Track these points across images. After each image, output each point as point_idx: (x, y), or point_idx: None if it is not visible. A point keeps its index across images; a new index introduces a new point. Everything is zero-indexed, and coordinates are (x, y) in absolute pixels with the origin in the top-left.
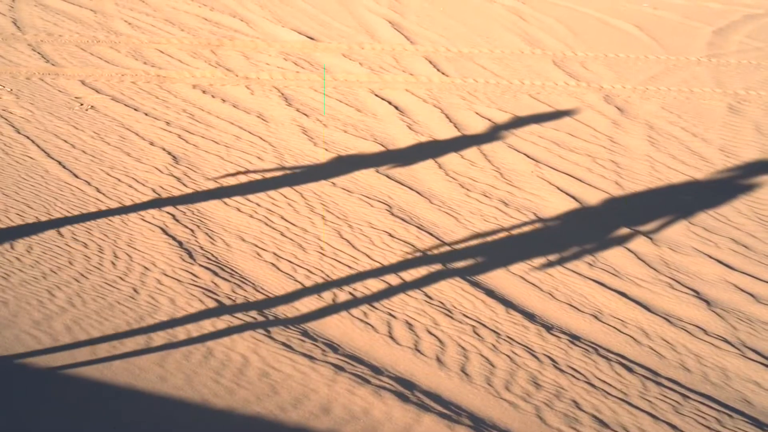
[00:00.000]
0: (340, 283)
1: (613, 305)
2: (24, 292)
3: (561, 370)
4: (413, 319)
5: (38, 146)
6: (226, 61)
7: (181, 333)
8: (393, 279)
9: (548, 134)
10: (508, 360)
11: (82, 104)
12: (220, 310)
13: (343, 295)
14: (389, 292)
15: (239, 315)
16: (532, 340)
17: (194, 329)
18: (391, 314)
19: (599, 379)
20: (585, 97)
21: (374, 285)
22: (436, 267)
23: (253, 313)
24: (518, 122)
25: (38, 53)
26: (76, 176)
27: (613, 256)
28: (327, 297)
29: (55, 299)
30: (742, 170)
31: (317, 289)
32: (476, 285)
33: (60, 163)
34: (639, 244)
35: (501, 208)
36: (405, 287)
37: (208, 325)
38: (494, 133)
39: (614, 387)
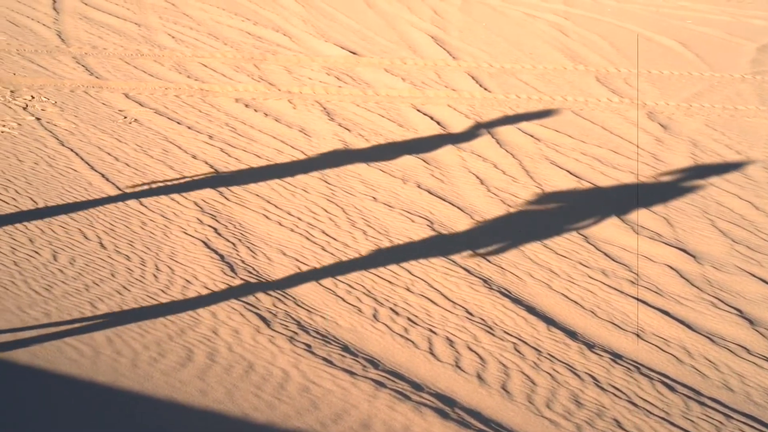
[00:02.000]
0: (380, 298)
1: (656, 323)
2: (66, 304)
3: (603, 389)
4: (454, 335)
5: (82, 159)
6: (268, 75)
7: (221, 347)
8: (434, 295)
9: (591, 151)
10: (549, 378)
11: (125, 117)
12: (261, 324)
13: (383, 311)
14: (430, 308)
15: (280, 329)
16: (574, 358)
17: (235, 343)
18: (431, 330)
19: (641, 398)
20: (628, 114)
21: (415, 301)
22: (477, 283)
23: (294, 328)
24: (560, 138)
25: (82, 66)
26: (119, 189)
27: (656, 274)
28: (367, 312)
29: (97, 311)
30: None
31: (358, 304)
32: (517, 302)
33: (103, 175)
34: (682, 262)
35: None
36: (446, 303)
37: (248, 340)
38: (537, 150)
39: (656, 406)
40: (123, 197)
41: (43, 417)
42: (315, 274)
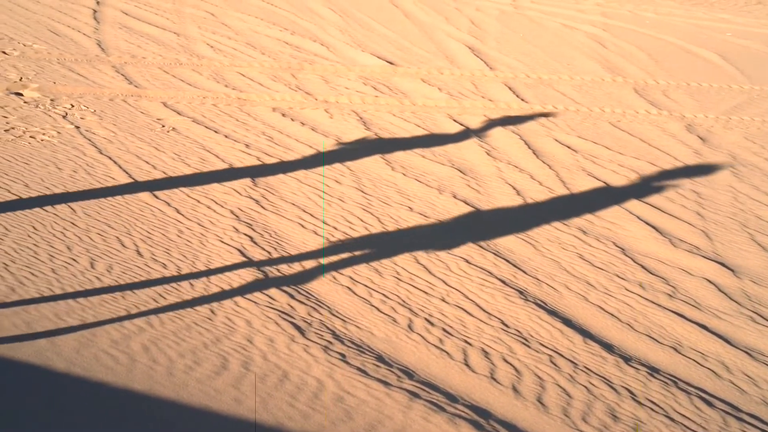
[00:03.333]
0: (415, 308)
1: (693, 338)
2: (103, 312)
3: (639, 403)
4: (489, 346)
5: (120, 167)
6: (305, 84)
7: (256, 355)
8: (469, 306)
9: (628, 163)
10: (585, 391)
11: (163, 126)
12: (296, 333)
13: (418, 321)
14: (465, 318)
15: (315, 339)
16: (610, 371)
17: (269, 352)
18: (466, 341)
19: (678, 413)
20: (666, 126)
21: (450, 311)
22: (513, 294)
23: (329, 337)
24: (598, 150)
25: (122, 75)
26: (157, 197)
27: (694, 287)
28: (402, 322)
29: (133, 319)
30: None
31: (393, 314)
32: (553, 314)
33: (141, 184)
34: (720, 276)
35: (579, 236)
36: (481, 314)
37: (283, 349)
38: (574, 161)
39: (694, 422)
40: (161, 205)
41: (79, 425)
42: (350, 284)
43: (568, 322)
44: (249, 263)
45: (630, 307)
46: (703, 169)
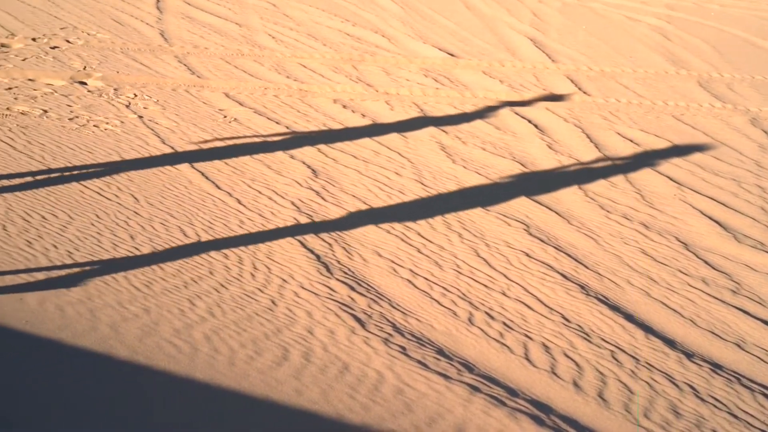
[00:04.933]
0: (476, 302)
1: (757, 334)
2: (165, 301)
3: (702, 399)
4: (550, 341)
5: (182, 157)
6: (366, 76)
7: (317, 347)
8: (530, 300)
9: (692, 157)
10: (647, 387)
11: (225, 116)
12: (356, 325)
13: (479, 315)
14: (526, 313)
15: (375, 331)
16: (673, 367)
17: (330, 343)
18: (527, 336)
19: (742, 409)
20: (731, 120)
21: (511, 305)
22: (574, 289)
23: (389, 330)
24: (661, 144)
25: (184, 65)
26: (218, 187)
27: (758, 284)
28: (463, 316)
29: (195, 308)
30: None
31: (453, 307)
32: (615, 309)
33: (203, 174)
34: None
35: (642, 231)
36: (542, 309)
37: (344, 340)
38: (636, 155)
39: (757, 419)
40: (223, 196)
41: (141, 413)
42: (410, 276)
43: (630, 317)
44: (309, 255)
45: (693, 302)
46: (767, 163)
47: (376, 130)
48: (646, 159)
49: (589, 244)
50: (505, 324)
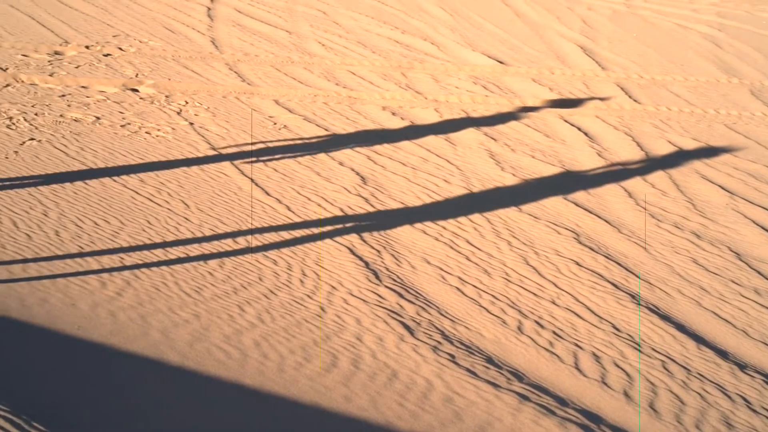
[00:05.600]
0: (525, 310)
1: None
2: (215, 306)
3: (755, 411)
4: (600, 350)
5: (232, 163)
6: (415, 83)
7: (366, 354)
8: (580, 309)
9: (744, 166)
10: (698, 398)
11: (275, 123)
12: (405, 332)
13: (528, 323)
14: (576, 322)
15: (424, 338)
16: (725, 378)
17: (379, 350)
18: (577, 345)
19: None
20: None
21: (560, 314)
22: (624, 298)
23: (438, 337)
24: (712, 152)
25: (235, 72)
26: (268, 194)
27: None
28: (512, 324)
29: (245, 314)
30: None
31: (502, 315)
32: (666, 319)
33: (253, 180)
34: None
35: (693, 241)
36: (592, 318)
37: (392, 348)
38: (687, 163)
39: None
40: (272, 202)
41: (191, 418)
42: (459, 284)
43: (681, 327)
44: (358, 261)
45: (745, 313)
46: None
47: (424, 137)
48: (698, 168)
49: (639, 253)
50: (554, 333)
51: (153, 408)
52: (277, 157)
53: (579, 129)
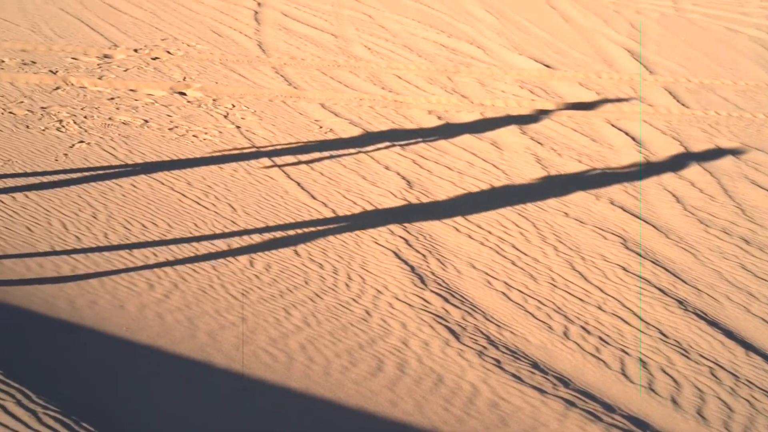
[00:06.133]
0: (571, 315)
1: None
2: (262, 310)
3: None
4: (647, 356)
5: (278, 166)
6: (461, 87)
7: (411, 358)
8: (626, 314)
9: None
10: (747, 405)
11: (321, 127)
12: (451, 337)
13: (574, 329)
14: (622, 327)
15: (469, 343)
16: None
17: (424, 355)
18: (624, 351)
19: None
20: None
21: (607, 320)
22: (672, 304)
23: (483, 342)
24: (762, 157)
25: (281, 76)
26: (314, 197)
27: None
28: (558, 329)
29: (291, 318)
30: None
31: (548, 321)
32: (714, 325)
33: (299, 184)
34: None
35: (742, 246)
36: (639, 323)
37: (438, 352)
38: (736, 168)
39: None
40: (317, 206)
41: (238, 420)
42: (505, 289)
43: (729, 333)
44: (404, 266)
45: None
46: None
47: (470, 141)
48: (747, 172)
49: (687, 259)
50: (601, 338)
51: (200, 409)
52: (322, 159)
53: (626, 133)
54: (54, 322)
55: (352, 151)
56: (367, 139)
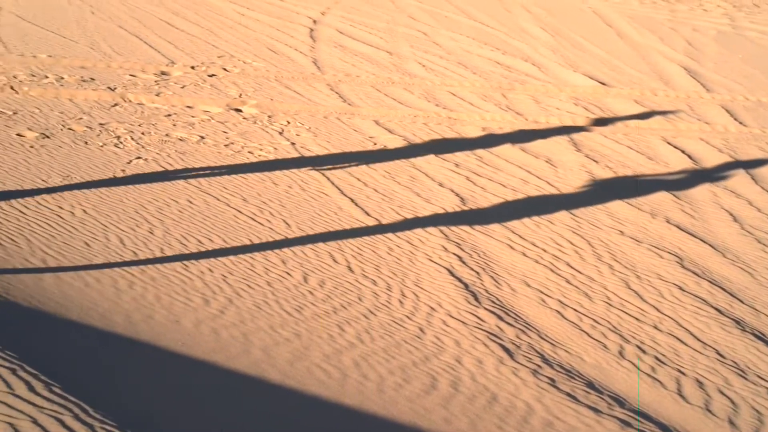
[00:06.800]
0: (627, 335)
1: None
2: (316, 326)
3: None
4: (704, 377)
5: (333, 183)
6: (516, 104)
7: (465, 376)
8: (683, 334)
9: None
10: None
11: (375, 144)
12: (505, 355)
13: (630, 348)
14: (678, 347)
15: (523, 362)
16: None
17: (478, 373)
18: (680, 371)
19: None
20: None
21: (663, 339)
22: (729, 324)
23: (538, 361)
24: None
25: (336, 93)
26: (368, 214)
27: None
28: (613, 348)
29: (344, 334)
30: None
31: (603, 340)
32: None
33: (352, 200)
34: None
35: None
36: (695, 343)
37: (492, 370)
38: None
39: None
40: (371, 222)
41: None
42: (559, 307)
43: None
44: (457, 283)
45: None
46: None
47: (524, 158)
48: None
49: (744, 279)
50: (657, 358)
51: (255, 425)
52: (376, 175)
53: (683, 151)
54: (110, 337)
55: (405, 167)
56: (421, 155)
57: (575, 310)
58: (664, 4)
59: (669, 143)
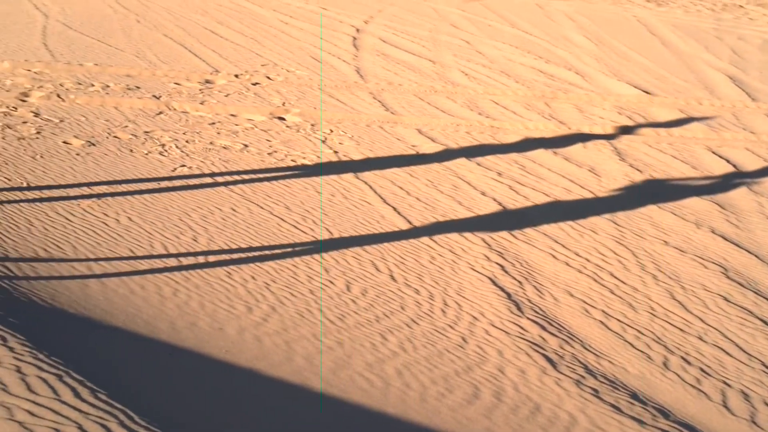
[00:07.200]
0: (671, 346)
1: None
2: (358, 334)
3: None
4: (750, 389)
5: (375, 191)
6: (559, 113)
7: (508, 386)
8: (728, 345)
9: None
10: None
11: (417, 152)
12: (548, 365)
13: (674, 359)
14: (724, 359)
15: (567, 372)
16: None
17: (521, 383)
18: (725, 383)
19: None
20: None
21: (708, 350)
22: None
23: (581, 371)
24: None
25: (378, 101)
26: (410, 223)
27: None
28: (657, 360)
29: (387, 343)
30: None
31: (647, 350)
32: None
33: (395, 209)
34: None
35: None
36: (741, 355)
37: (535, 380)
38: None
39: None
40: (414, 231)
41: None
42: (603, 318)
43: None
44: (500, 292)
45: None
46: None
47: (567, 167)
48: None
49: None
50: (702, 370)
51: None
52: (419, 184)
53: (727, 161)
54: (155, 344)
55: (448, 176)
56: (464, 164)
57: (619, 320)
58: (709, 13)
59: (713, 152)
